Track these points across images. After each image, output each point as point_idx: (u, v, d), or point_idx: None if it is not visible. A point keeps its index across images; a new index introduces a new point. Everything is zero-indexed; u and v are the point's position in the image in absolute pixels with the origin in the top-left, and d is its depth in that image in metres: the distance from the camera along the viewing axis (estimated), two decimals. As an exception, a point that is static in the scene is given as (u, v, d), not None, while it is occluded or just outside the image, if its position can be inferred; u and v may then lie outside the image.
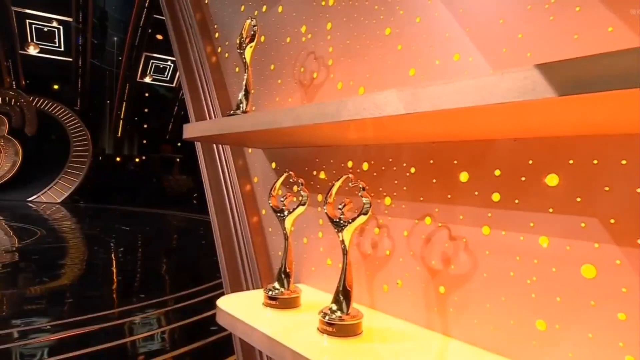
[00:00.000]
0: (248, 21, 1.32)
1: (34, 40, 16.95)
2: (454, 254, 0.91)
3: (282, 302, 1.06)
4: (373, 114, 0.71)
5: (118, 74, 18.56)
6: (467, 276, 0.88)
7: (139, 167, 18.86)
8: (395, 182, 1.05)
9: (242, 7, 1.66)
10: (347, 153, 1.20)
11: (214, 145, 1.78)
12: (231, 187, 1.64)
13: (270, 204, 1.16)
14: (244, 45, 1.32)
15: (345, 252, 0.96)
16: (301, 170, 1.34)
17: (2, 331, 4.13)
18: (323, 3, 1.28)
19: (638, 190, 0.65)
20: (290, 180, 1.16)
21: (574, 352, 0.72)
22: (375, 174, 1.11)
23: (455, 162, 0.92)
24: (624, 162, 0.67)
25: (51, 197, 16.63)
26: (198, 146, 1.86)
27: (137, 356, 3.81)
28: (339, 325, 0.91)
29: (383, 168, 1.09)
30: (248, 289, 1.56)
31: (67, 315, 4.70)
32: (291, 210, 1.11)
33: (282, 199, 1.14)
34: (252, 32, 1.30)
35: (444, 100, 0.59)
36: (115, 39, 19.02)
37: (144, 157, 19.31)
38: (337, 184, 0.99)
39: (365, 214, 0.92)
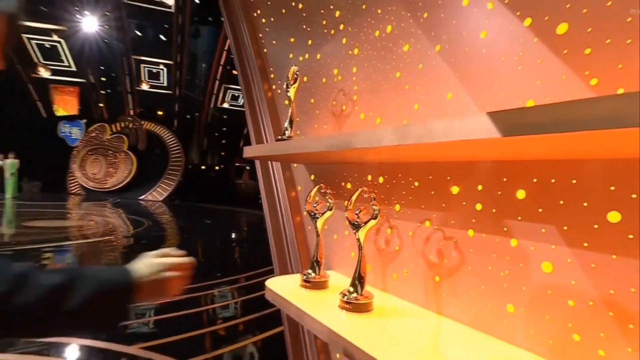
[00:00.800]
0: (293, 68, 1.39)
1: (146, 79, 17.96)
2: (446, 251, 0.94)
3: (314, 284, 1.12)
4: (373, 144, 0.76)
5: (203, 102, 19.32)
6: (456, 269, 0.91)
7: (218, 174, 19.49)
8: (403, 192, 1.09)
9: (291, 55, 1.74)
10: (367, 169, 1.24)
11: (268, 161, 1.86)
12: (280, 193, 1.72)
13: (306, 209, 1.22)
14: (290, 85, 1.39)
15: (360, 247, 1.00)
16: (332, 182, 1.39)
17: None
18: (350, 52, 1.33)
19: (584, 204, 0.66)
20: (321, 190, 1.22)
21: (535, 329, 0.73)
22: (388, 186, 1.15)
23: (449, 178, 0.94)
24: (574, 181, 0.68)
25: (155, 196, 17.48)
26: (256, 162, 1.95)
27: (217, 320, 3.97)
28: (355, 303, 0.95)
29: (394, 181, 1.12)
30: (292, 273, 1.62)
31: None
32: (322, 214, 1.17)
33: (315, 205, 1.20)
34: (296, 76, 1.37)
35: (423, 136, 0.63)
36: (202, 74, 19.86)
37: (222, 166, 19.94)
38: (356, 195, 1.04)
39: (375, 218, 0.96)
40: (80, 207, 13.78)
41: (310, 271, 1.15)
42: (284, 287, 1.14)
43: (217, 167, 20.06)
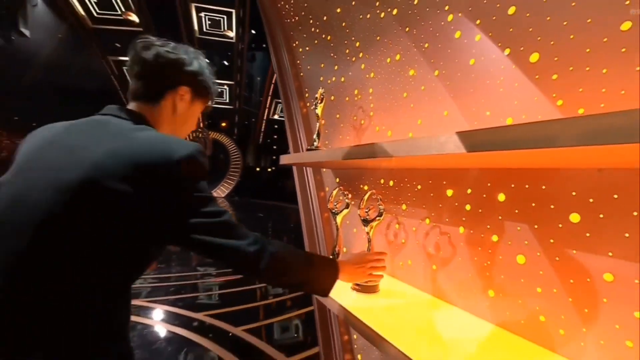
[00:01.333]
0: (320, 90, 1.45)
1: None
2: (442, 244, 0.96)
3: (333, 269, 1.17)
4: (374, 156, 0.81)
5: (258, 114, 19.85)
6: (449, 259, 0.93)
7: (270, 175, 19.94)
8: (409, 194, 1.11)
9: (321, 78, 1.80)
10: (380, 174, 1.28)
11: (304, 168, 1.93)
12: (312, 193, 1.78)
13: (328, 206, 1.27)
14: (317, 104, 1.45)
15: (369, 240, 1.04)
16: (352, 184, 1.44)
17: (191, 273, 4.71)
18: (367, 76, 1.37)
19: (552, 206, 0.67)
20: (340, 191, 1.27)
21: (510, 311, 0.74)
22: (397, 188, 1.18)
23: (444, 182, 0.96)
24: (543, 187, 0.68)
25: (219, 193, 18.21)
26: (294, 167, 2.03)
27: (268, 296, 4.11)
28: (363, 285, 1.00)
29: (402, 185, 1.15)
30: (322, 258, 1.69)
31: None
32: (340, 211, 1.22)
33: (335, 203, 1.25)
34: (322, 97, 1.43)
35: (408, 150, 0.67)
36: (257, 91, 20.40)
37: (273, 168, 20.39)
38: (366, 197, 1.08)
39: (381, 215, 1.00)
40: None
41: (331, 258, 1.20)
42: (310, 270, 1.21)
43: (269, 169, 20.53)
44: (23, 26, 11.94)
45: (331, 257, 1.21)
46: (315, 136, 1.45)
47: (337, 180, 1.60)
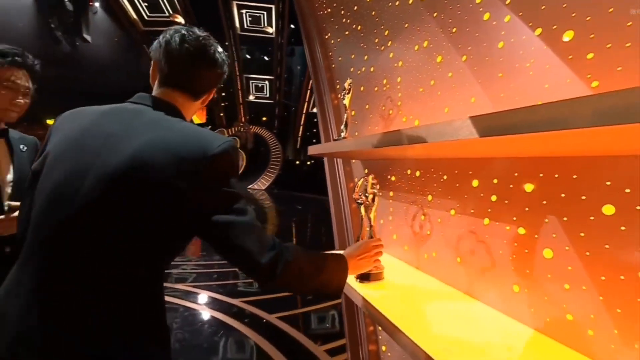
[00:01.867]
0: (348, 80, 1.44)
1: (253, 92, 19.21)
2: (467, 236, 0.92)
3: (357, 259, 1.17)
4: (388, 145, 0.79)
5: (297, 107, 20.05)
6: (473, 252, 0.89)
7: (309, 167, 20.12)
8: (435, 185, 1.08)
9: (352, 69, 1.78)
10: (407, 164, 1.24)
11: (334, 158, 1.93)
12: (341, 184, 1.78)
13: (353, 197, 1.26)
14: (345, 95, 1.44)
15: (362, 220, 1.10)
16: (380, 175, 1.41)
17: (228, 263, 4.90)
18: (395, 65, 1.34)
19: (583, 197, 0.61)
20: (365, 182, 1.25)
21: (535, 308, 0.69)
22: (423, 179, 1.14)
23: (470, 172, 0.92)
24: (574, 176, 0.63)
25: (260, 185, 18.71)
26: (325, 158, 2.03)
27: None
28: (374, 274, 1.02)
29: (428, 175, 1.12)
30: (350, 249, 1.68)
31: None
32: (366, 203, 1.21)
33: (360, 194, 1.24)
34: (350, 87, 1.42)
35: (423, 137, 0.65)
36: (296, 85, 20.59)
37: (312, 161, 20.56)
38: (360, 182, 1.10)
39: (373, 200, 1.09)
40: (206, 193, 15.31)
41: (355, 248, 1.19)
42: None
43: (308, 162, 20.74)
44: (86, 32, 12.97)
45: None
46: (342, 127, 1.44)
47: (366, 171, 1.58)
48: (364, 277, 1.01)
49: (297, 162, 20.42)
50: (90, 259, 0.63)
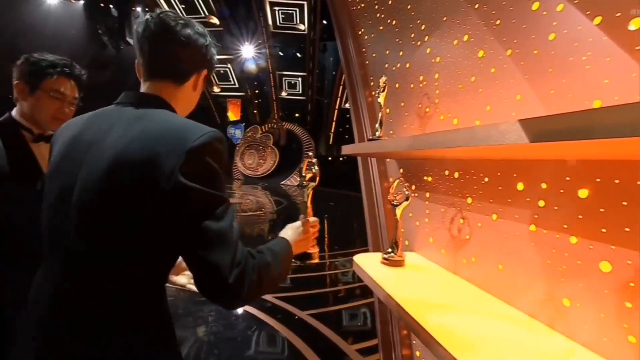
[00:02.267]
0: (383, 78, 1.40)
1: (285, 89, 19.40)
2: (509, 243, 0.86)
3: (391, 262, 1.13)
4: (427, 148, 0.75)
5: (330, 104, 19.99)
6: (517, 260, 0.83)
7: (341, 164, 20.03)
8: (475, 187, 1.02)
9: (386, 65, 1.73)
10: (445, 164, 1.19)
11: (369, 158, 1.89)
12: (375, 184, 1.74)
13: (389, 198, 1.23)
14: (380, 93, 1.41)
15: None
16: (416, 175, 1.37)
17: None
18: (433, 60, 1.28)
19: (648, 206, 0.55)
20: (401, 183, 1.21)
21: (589, 325, 0.64)
22: (462, 180, 1.09)
23: (515, 175, 0.86)
24: (639, 182, 0.57)
25: (292, 181, 18.85)
26: (358, 157, 2.00)
27: (338, 282, 4.19)
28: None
29: (467, 176, 1.06)
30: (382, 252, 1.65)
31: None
32: (400, 203, 1.17)
33: (395, 195, 1.21)
34: (384, 85, 1.38)
35: (465, 141, 0.61)
36: (329, 81, 20.54)
37: (344, 157, 20.46)
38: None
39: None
40: (240, 188, 15.78)
41: (390, 250, 1.17)
42: (367, 262, 1.19)
43: (340, 159, 20.66)
44: (129, 36, 13.69)
45: (389, 249, 1.18)
46: (377, 125, 1.40)
47: (401, 170, 1.54)
48: (305, 257, 1.00)
49: (330, 159, 20.42)
50: (90, 264, 0.66)
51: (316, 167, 1.09)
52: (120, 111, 0.73)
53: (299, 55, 16.62)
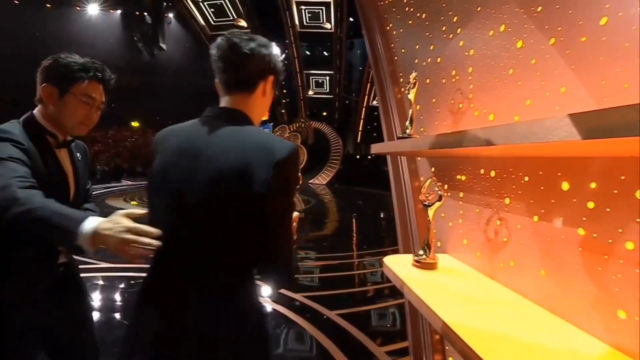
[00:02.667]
0: (413, 73, 1.36)
1: (313, 88, 19.45)
2: (554, 247, 0.80)
3: (423, 265, 1.09)
4: (462, 145, 0.71)
5: (357, 102, 19.83)
6: (563, 266, 0.77)
7: (370, 162, 19.81)
8: (513, 186, 0.96)
9: (416, 60, 1.67)
10: (480, 163, 1.13)
11: (399, 156, 1.84)
12: (405, 183, 1.70)
13: (420, 198, 1.19)
14: (410, 89, 1.36)
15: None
16: (449, 174, 1.31)
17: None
18: (466, 53, 1.22)
19: None
20: (433, 182, 1.17)
21: (648, 343, 0.57)
22: (499, 179, 1.03)
23: (559, 174, 0.80)
24: None
25: (320, 180, 18.88)
26: (388, 155, 1.95)
27: (367, 283, 4.15)
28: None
29: (505, 175, 1.00)
30: (413, 253, 1.60)
31: (327, 252, 5.38)
32: (432, 203, 1.13)
33: (427, 195, 1.16)
34: (415, 81, 1.34)
35: (505, 138, 0.57)
36: (357, 79, 20.37)
37: (373, 155, 20.22)
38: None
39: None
40: (269, 187, 15.87)
41: (421, 252, 1.12)
42: (397, 264, 1.15)
43: (369, 157, 20.46)
44: (162, 41, 14.27)
45: (420, 251, 1.13)
46: (407, 123, 1.36)
47: (433, 169, 1.48)
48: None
49: (358, 157, 20.25)
50: (203, 256, 0.82)
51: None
52: (214, 125, 0.87)
53: (325, 53, 16.63)
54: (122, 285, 3.66)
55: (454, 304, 0.85)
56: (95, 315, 2.86)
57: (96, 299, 3.24)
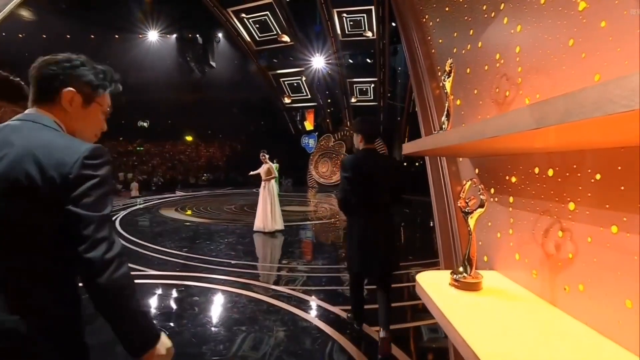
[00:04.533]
0: (448, 60, 1.18)
1: (357, 96, 19.31)
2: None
3: (463, 285, 0.89)
4: (511, 130, 0.53)
5: (403, 107, 19.31)
6: (661, 294, 0.55)
7: (417, 169, 19.09)
8: (580, 188, 0.75)
9: (455, 50, 1.49)
10: (534, 160, 0.92)
11: (437, 156, 1.65)
12: (446, 188, 1.50)
13: (459, 204, 1.00)
14: (445, 78, 1.18)
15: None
16: (496, 175, 1.11)
17: (333, 266, 4.90)
18: (512, 31, 1.03)
19: None
20: (474, 185, 0.97)
21: None
22: (559, 179, 0.82)
23: (648, 168, 0.59)
24: None
25: (365, 189, 18.57)
26: (426, 157, 1.76)
27: (414, 296, 3.88)
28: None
29: (567, 174, 0.79)
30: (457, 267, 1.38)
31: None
32: (474, 210, 0.93)
33: (467, 201, 0.97)
34: (450, 68, 1.16)
35: (569, 112, 0.39)
36: (401, 84, 19.87)
37: (420, 162, 19.49)
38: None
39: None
40: (315, 197, 16.04)
41: (461, 269, 0.93)
42: (432, 283, 0.97)
43: (416, 164, 19.75)
44: (212, 59, 15.10)
45: (460, 268, 0.94)
46: (444, 117, 1.18)
47: (477, 171, 1.27)
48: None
49: (405, 164, 19.63)
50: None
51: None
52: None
53: (368, 60, 16.47)
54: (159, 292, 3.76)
55: (498, 337, 0.66)
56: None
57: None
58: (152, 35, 16.94)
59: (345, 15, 13.07)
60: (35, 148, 0.81)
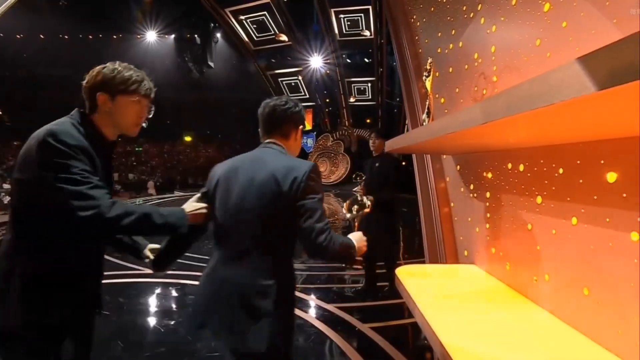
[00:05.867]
0: (429, 60, 1.20)
1: (355, 95, 19.30)
2: (600, 257, 0.61)
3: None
4: (466, 125, 0.56)
5: (402, 107, 19.31)
6: (613, 282, 0.58)
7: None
8: (546, 182, 0.78)
9: (439, 49, 1.51)
10: (507, 156, 0.95)
11: (424, 155, 1.67)
12: (430, 184, 1.52)
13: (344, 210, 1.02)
14: (426, 78, 1.21)
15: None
16: (475, 172, 1.13)
17: (324, 264, 4.91)
18: (488, 31, 1.05)
19: None
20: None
21: None
22: (528, 174, 0.85)
23: (602, 162, 0.61)
24: None
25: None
26: (414, 155, 1.78)
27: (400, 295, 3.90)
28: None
29: (535, 169, 0.82)
30: (441, 263, 1.40)
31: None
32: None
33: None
34: (430, 67, 1.18)
35: (511, 106, 0.42)
36: (398, 83, 19.84)
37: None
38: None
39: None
40: (313, 196, 15.92)
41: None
42: (410, 274, 1.00)
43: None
44: (210, 59, 15.11)
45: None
46: (424, 115, 1.20)
47: (458, 167, 1.30)
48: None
49: (404, 163, 19.62)
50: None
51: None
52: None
53: (366, 60, 16.47)
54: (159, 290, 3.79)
55: (462, 327, 0.69)
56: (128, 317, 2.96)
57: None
58: (151, 36, 16.94)
59: (342, 15, 13.08)
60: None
